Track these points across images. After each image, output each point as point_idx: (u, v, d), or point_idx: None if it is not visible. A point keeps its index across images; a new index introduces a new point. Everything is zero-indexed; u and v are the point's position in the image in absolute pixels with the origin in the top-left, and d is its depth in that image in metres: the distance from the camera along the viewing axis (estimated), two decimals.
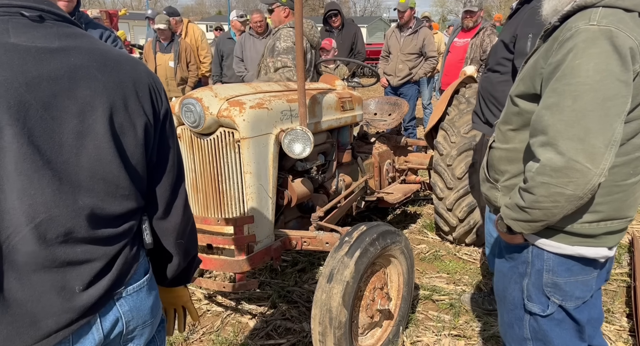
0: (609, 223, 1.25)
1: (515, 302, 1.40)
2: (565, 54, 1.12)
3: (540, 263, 1.32)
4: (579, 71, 1.08)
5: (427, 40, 5.24)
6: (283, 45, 3.02)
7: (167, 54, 5.67)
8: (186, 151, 2.19)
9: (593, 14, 1.11)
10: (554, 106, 1.12)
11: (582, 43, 1.09)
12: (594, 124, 1.07)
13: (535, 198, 1.16)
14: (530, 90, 1.26)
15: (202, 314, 2.62)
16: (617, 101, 1.07)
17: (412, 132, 5.76)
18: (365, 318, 2.12)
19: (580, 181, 1.09)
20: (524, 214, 1.22)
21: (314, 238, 2.26)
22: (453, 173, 3.20)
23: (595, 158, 1.08)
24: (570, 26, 1.13)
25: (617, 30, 1.07)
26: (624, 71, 1.07)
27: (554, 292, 1.32)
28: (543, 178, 1.13)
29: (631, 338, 2.37)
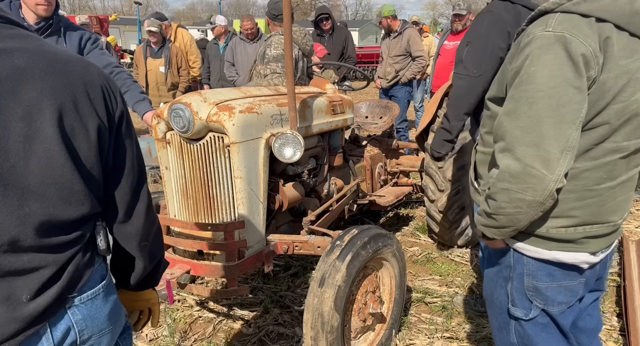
0: (588, 228, 1.24)
1: (502, 306, 1.40)
2: (523, 60, 1.13)
3: (520, 267, 1.32)
4: (534, 77, 1.10)
5: (412, 40, 5.30)
6: (273, 52, 3.02)
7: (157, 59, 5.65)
8: (176, 157, 2.17)
9: (550, 19, 1.12)
10: (512, 113, 1.14)
11: (537, 50, 1.10)
12: (549, 130, 1.08)
13: (497, 204, 1.18)
14: (500, 93, 1.27)
15: (193, 320, 2.60)
16: (572, 107, 1.08)
17: (403, 134, 5.79)
18: (358, 322, 2.11)
19: (538, 187, 1.10)
20: (491, 220, 1.23)
21: (305, 242, 2.26)
22: (444, 175, 3.21)
23: (550, 164, 1.08)
24: (529, 32, 1.15)
25: (571, 36, 1.07)
26: (578, 77, 1.07)
27: (535, 296, 1.32)
28: (503, 184, 1.15)
29: (621, 338, 2.38)
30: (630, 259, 2.92)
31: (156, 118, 2.20)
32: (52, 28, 2.42)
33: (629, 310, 2.40)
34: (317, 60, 4.55)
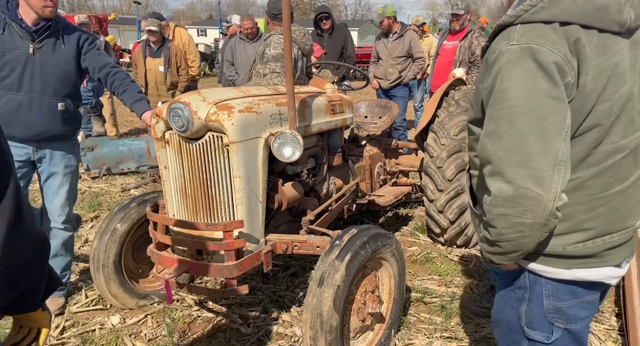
0: (607, 239, 1.16)
1: (511, 326, 1.32)
2: (494, 78, 1.08)
3: (539, 287, 1.23)
4: (509, 93, 1.04)
5: (413, 42, 5.39)
6: (273, 52, 3.02)
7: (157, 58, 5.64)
8: (174, 156, 2.17)
9: (512, 33, 1.07)
10: (493, 133, 1.08)
11: (506, 65, 1.05)
12: (534, 146, 1.02)
13: (497, 230, 1.11)
14: (478, 115, 1.21)
15: (192, 320, 2.59)
16: (554, 119, 1.02)
17: (402, 133, 5.80)
18: (357, 322, 2.11)
19: (536, 208, 1.03)
20: (496, 247, 1.16)
21: (304, 242, 2.25)
22: (443, 174, 3.22)
23: (544, 182, 1.02)
24: (494, 48, 1.09)
25: (537, 46, 1.02)
26: (553, 86, 1.02)
27: (557, 317, 1.23)
28: (498, 210, 1.08)
29: (620, 337, 2.38)
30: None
31: (155, 117, 2.20)
32: (50, 29, 2.41)
33: (628, 310, 2.40)
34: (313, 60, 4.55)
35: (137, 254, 2.71)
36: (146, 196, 2.69)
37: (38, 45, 2.40)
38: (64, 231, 2.65)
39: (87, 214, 4.21)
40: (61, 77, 2.48)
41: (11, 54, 2.36)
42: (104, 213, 4.28)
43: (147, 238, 2.52)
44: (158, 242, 2.23)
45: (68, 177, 2.61)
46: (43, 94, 2.43)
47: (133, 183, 5.16)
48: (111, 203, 4.58)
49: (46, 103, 2.44)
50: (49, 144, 2.51)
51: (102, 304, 2.72)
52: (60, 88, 2.48)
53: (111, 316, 2.60)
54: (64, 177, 2.59)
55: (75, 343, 2.39)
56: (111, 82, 2.61)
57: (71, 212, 2.68)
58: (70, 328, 2.53)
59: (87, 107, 6.63)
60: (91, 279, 2.66)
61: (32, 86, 2.40)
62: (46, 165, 2.55)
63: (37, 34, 2.39)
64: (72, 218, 2.74)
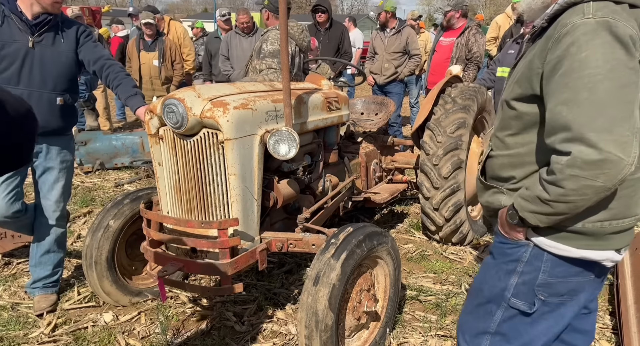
0: (620, 222, 1.22)
1: (492, 297, 1.39)
2: (565, 49, 1.11)
3: (537, 263, 1.29)
4: (588, 62, 1.07)
5: (410, 38, 5.37)
6: (270, 48, 2.98)
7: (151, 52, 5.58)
8: (169, 153, 2.14)
9: (586, 8, 1.11)
10: (570, 101, 1.10)
11: (583, 36, 1.08)
12: (617, 112, 1.06)
13: (563, 191, 1.13)
14: (528, 91, 1.24)
15: (186, 318, 2.58)
16: (631, 88, 1.07)
17: (397, 130, 5.79)
18: (352, 320, 2.10)
19: (613, 172, 1.06)
20: (545, 207, 1.18)
21: (300, 240, 2.24)
22: (439, 172, 3.21)
23: (626, 147, 1.05)
24: (565, 22, 1.13)
25: (614, 20, 1.07)
26: (631, 58, 1.07)
27: (543, 290, 1.30)
28: (573, 171, 1.09)
29: (614, 336, 2.40)
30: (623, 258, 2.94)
31: (149, 113, 2.16)
32: (51, 23, 2.38)
33: (622, 308, 2.41)
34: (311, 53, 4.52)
35: (130, 251, 2.69)
36: (140, 192, 2.66)
37: (38, 39, 2.37)
38: (57, 227, 2.62)
39: (80, 210, 4.17)
40: (60, 72, 2.44)
41: (10, 47, 2.32)
42: (97, 209, 4.24)
43: (140, 234, 2.50)
44: (152, 239, 2.21)
45: (64, 172, 2.58)
46: (42, 88, 2.40)
47: (127, 178, 5.12)
48: (104, 198, 4.53)
49: (45, 97, 2.41)
50: (45, 139, 2.47)
51: (94, 301, 2.69)
52: (59, 82, 2.45)
53: (104, 314, 2.58)
54: (59, 172, 2.55)
55: (67, 340, 2.36)
56: (106, 76, 2.57)
57: (65, 208, 2.66)
58: (62, 325, 2.50)
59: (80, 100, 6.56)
60: (83, 276, 2.63)
61: (32, 79, 2.37)
62: (42, 160, 2.51)
63: (37, 28, 2.36)
64: (66, 214, 2.70)
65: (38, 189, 2.57)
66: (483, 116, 3.67)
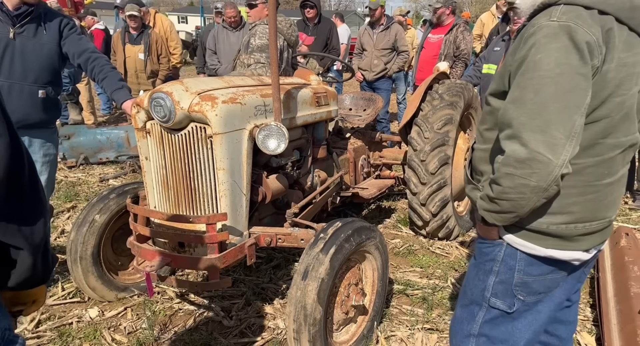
0: (587, 225, 1.25)
1: (473, 298, 1.41)
2: (528, 50, 1.14)
3: (512, 262, 1.32)
4: (541, 64, 1.11)
5: (399, 35, 5.39)
6: (258, 42, 2.97)
7: (136, 45, 5.49)
8: (156, 147, 2.12)
9: (554, 11, 1.14)
10: (518, 100, 1.14)
11: (543, 38, 1.12)
12: (555, 115, 1.09)
13: (502, 189, 1.17)
14: (500, 88, 1.28)
15: (173, 313, 2.56)
16: (577, 94, 1.09)
17: (385, 126, 5.82)
18: (340, 314, 2.12)
19: (543, 172, 1.10)
20: (493, 205, 1.23)
21: (288, 234, 2.24)
22: (426, 168, 3.24)
23: (556, 149, 1.09)
24: (534, 23, 1.17)
25: (575, 25, 1.10)
26: (583, 64, 1.09)
27: (520, 290, 1.33)
28: (508, 169, 1.14)
29: (595, 328, 2.46)
30: (603, 252, 3.01)
31: (136, 107, 2.14)
32: (32, 14, 2.33)
33: (602, 301, 2.47)
34: (305, 49, 4.51)
35: (116, 246, 2.66)
36: (126, 187, 2.63)
37: (19, 30, 2.32)
38: None
39: (64, 205, 4.10)
40: (42, 64, 2.40)
41: None
42: (81, 204, 4.17)
43: (127, 229, 2.47)
44: (139, 234, 2.19)
45: (47, 166, 2.54)
46: (23, 80, 2.35)
47: (112, 173, 5.05)
48: (89, 193, 4.47)
49: (27, 90, 2.36)
50: (27, 132, 2.43)
51: (79, 297, 2.66)
52: (41, 75, 2.40)
53: (89, 309, 2.55)
54: (42, 166, 2.51)
55: (51, 336, 2.33)
56: (91, 69, 2.53)
57: (48, 202, 2.61)
58: (46, 321, 2.46)
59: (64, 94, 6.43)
60: (68, 272, 2.60)
61: (12, 71, 2.32)
62: None
63: (18, 19, 2.31)
64: (50, 209, 2.66)
65: None
66: (469, 112, 3.71)
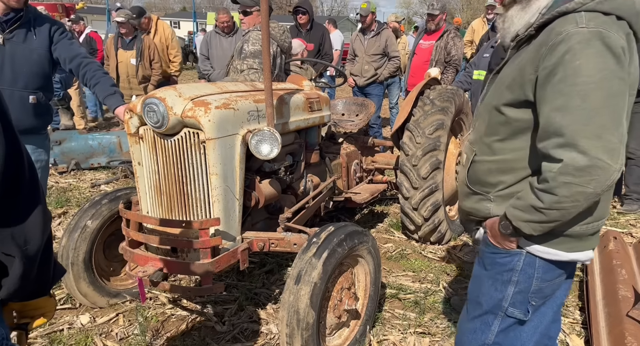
0: (601, 223, 1.30)
1: (490, 308, 1.40)
2: (560, 57, 1.14)
3: (531, 270, 1.32)
4: (581, 70, 1.11)
5: (389, 41, 5.44)
6: (251, 48, 2.98)
7: (129, 50, 5.48)
8: (149, 152, 2.12)
9: (578, 18, 1.15)
10: (563, 108, 1.13)
11: (578, 45, 1.12)
12: (607, 120, 1.10)
13: (557, 198, 1.16)
14: (520, 97, 1.25)
15: (166, 318, 2.55)
16: (621, 98, 1.12)
17: (377, 131, 5.86)
18: (333, 319, 2.12)
19: (602, 178, 1.11)
20: (539, 215, 1.21)
21: (281, 239, 2.25)
22: (418, 172, 3.27)
23: (614, 154, 1.10)
24: (559, 31, 1.16)
25: (606, 31, 1.12)
26: (620, 68, 1.12)
27: (535, 297, 1.34)
28: (566, 178, 1.13)
29: (584, 331, 2.49)
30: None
31: (129, 112, 2.14)
32: (21, 20, 2.33)
33: (591, 304, 2.50)
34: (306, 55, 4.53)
35: (108, 251, 2.64)
36: (118, 192, 2.62)
37: (8, 36, 2.31)
38: None
39: (55, 210, 4.07)
40: (33, 69, 2.39)
41: None
42: (72, 209, 4.14)
43: (119, 235, 2.46)
44: (131, 239, 2.18)
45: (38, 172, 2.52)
46: (13, 86, 2.34)
47: (103, 179, 5.02)
48: (80, 198, 4.44)
49: (17, 96, 2.35)
50: None
51: (70, 303, 2.64)
52: (32, 80, 2.39)
53: (80, 316, 2.53)
54: None
55: (42, 343, 2.31)
56: (83, 74, 2.53)
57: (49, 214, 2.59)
58: (37, 328, 2.43)
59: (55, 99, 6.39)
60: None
61: (2, 77, 2.31)
62: None
63: (7, 25, 2.30)
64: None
65: None
66: (460, 117, 3.75)
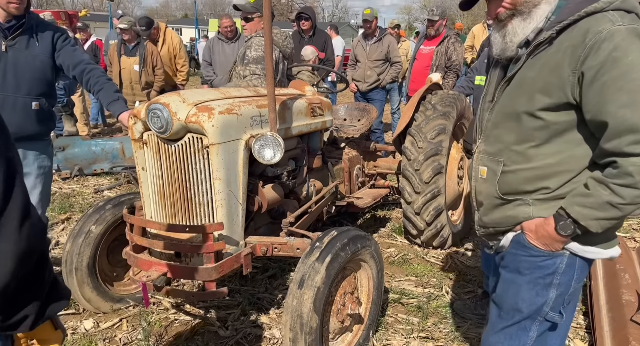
0: None
1: (531, 313, 1.38)
2: (608, 54, 1.15)
3: (572, 271, 1.33)
4: (636, 66, 1.13)
5: (391, 46, 5.48)
6: (254, 54, 3.00)
7: (132, 57, 5.53)
8: (153, 157, 2.14)
9: (611, 16, 1.18)
10: (632, 103, 1.14)
11: (623, 41, 1.14)
12: None
13: (639, 192, 1.17)
14: (561, 100, 1.24)
15: (169, 323, 2.55)
16: None
17: (380, 136, 5.88)
18: (336, 323, 2.12)
19: None
20: (614, 212, 1.20)
21: (284, 243, 2.26)
22: (421, 177, 3.27)
23: None
24: (598, 30, 1.17)
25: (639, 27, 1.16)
26: None
27: (570, 298, 1.35)
28: None
29: (587, 335, 2.48)
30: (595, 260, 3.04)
31: (133, 118, 2.16)
32: (23, 27, 2.35)
33: (595, 309, 2.50)
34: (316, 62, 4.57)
35: (112, 256, 2.65)
36: (122, 198, 2.63)
37: (10, 43, 2.33)
38: None
39: (58, 216, 4.09)
40: (35, 76, 2.41)
41: None
42: (75, 215, 4.16)
43: (122, 240, 2.47)
44: (135, 244, 2.20)
45: (41, 178, 2.53)
46: (16, 92, 2.36)
47: (106, 184, 5.04)
48: (83, 204, 4.45)
49: (20, 102, 2.37)
50: (22, 144, 2.43)
51: (74, 308, 2.64)
52: (34, 87, 2.41)
53: (84, 321, 2.54)
54: (36, 178, 2.51)
55: None
56: (87, 80, 2.55)
57: (44, 215, 2.60)
58: None
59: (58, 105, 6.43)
60: None
61: (5, 84, 2.33)
62: None
63: (10, 31, 2.32)
64: (45, 221, 2.65)
65: None
66: (462, 122, 3.76)
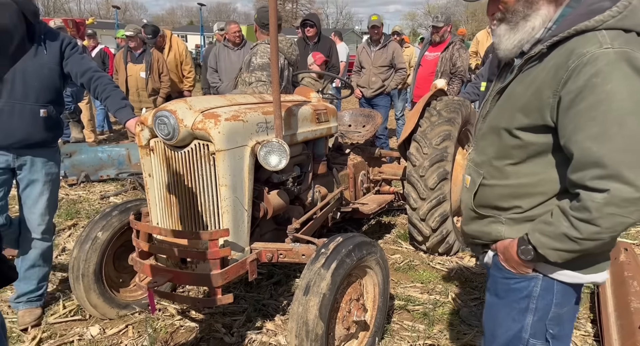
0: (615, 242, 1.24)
1: (510, 340, 1.33)
2: (587, 80, 1.06)
3: (549, 296, 1.26)
4: (614, 95, 1.04)
5: (396, 52, 5.51)
6: (259, 61, 3.03)
7: (138, 64, 5.58)
8: (160, 164, 2.15)
9: (601, 37, 1.07)
10: (600, 136, 1.06)
11: (606, 67, 1.05)
12: None
13: (598, 230, 1.10)
14: (538, 122, 1.18)
15: (175, 330, 2.55)
16: None
17: (384, 142, 5.89)
18: (342, 330, 2.12)
19: None
20: (571, 245, 1.14)
21: (290, 250, 2.26)
22: (426, 183, 3.27)
23: None
24: (582, 52, 1.08)
25: (631, 51, 1.05)
26: None
27: (554, 324, 1.28)
28: (610, 209, 1.07)
29: (596, 343, 2.46)
30: None
31: (140, 125, 2.18)
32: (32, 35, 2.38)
33: (603, 316, 2.47)
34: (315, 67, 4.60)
35: (118, 263, 2.66)
36: (128, 204, 2.65)
37: None
38: (42, 241, 2.58)
39: (65, 222, 4.11)
40: (43, 83, 2.43)
41: None
42: (82, 221, 4.18)
43: (128, 246, 2.49)
44: (141, 251, 2.20)
45: (49, 185, 2.55)
46: (25, 100, 2.38)
47: (112, 190, 5.07)
48: (90, 210, 4.48)
49: (28, 110, 2.39)
50: (30, 151, 2.45)
51: (80, 314, 2.65)
52: (42, 94, 2.43)
53: (90, 327, 2.54)
54: (44, 185, 2.53)
55: None
56: (94, 88, 2.57)
57: (51, 221, 2.62)
58: (48, 339, 2.45)
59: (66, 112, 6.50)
60: (69, 289, 2.60)
61: (13, 92, 2.35)
62: (26, 172, 2.48)
63: None
64: (52, 228, 2.67)
65: (22, 203, 2.54)
66: (467, 128, 3.76)
